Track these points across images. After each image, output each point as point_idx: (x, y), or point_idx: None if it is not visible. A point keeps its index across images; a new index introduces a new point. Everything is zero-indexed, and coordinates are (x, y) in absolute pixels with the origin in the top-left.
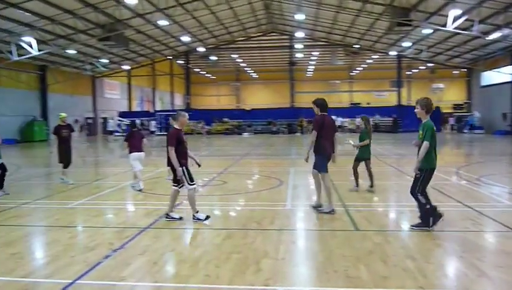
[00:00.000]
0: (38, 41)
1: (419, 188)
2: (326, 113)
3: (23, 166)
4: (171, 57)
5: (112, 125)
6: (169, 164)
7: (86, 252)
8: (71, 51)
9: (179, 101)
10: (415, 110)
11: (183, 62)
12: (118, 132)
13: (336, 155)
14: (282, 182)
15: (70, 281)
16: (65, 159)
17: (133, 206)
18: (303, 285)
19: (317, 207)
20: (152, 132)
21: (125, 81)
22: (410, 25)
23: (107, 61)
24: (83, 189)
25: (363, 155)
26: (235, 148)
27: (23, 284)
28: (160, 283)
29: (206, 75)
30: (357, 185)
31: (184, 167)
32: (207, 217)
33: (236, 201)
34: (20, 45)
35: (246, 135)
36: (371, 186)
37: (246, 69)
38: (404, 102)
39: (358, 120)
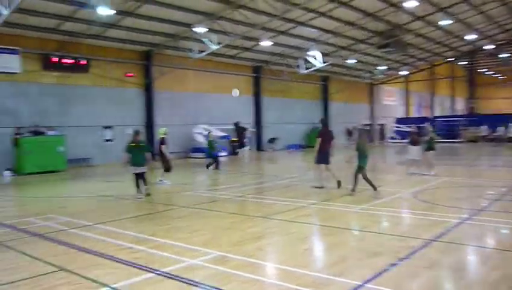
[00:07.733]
0: (322, 54)
1: None
2: None
3: (303, 170)
4: (452, 59)
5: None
6: None
7: (372, 257)
8: (351, 61)
9: (460, 106)
10: None
11: (466, 63)
12: (394, 138)
13: None
14: None
15: (360, 283)
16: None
17: (415, 215)
18: None
19: None
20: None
21: (402, 87)
22: None
23: (385, 68)
24: (363, 195)
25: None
26: None
27: (317, 277)
28: None
29: (494, 75)
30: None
31: None
32: None
33: None
34: (306, 59)
35: None
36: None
37: None
38: None
39: None
